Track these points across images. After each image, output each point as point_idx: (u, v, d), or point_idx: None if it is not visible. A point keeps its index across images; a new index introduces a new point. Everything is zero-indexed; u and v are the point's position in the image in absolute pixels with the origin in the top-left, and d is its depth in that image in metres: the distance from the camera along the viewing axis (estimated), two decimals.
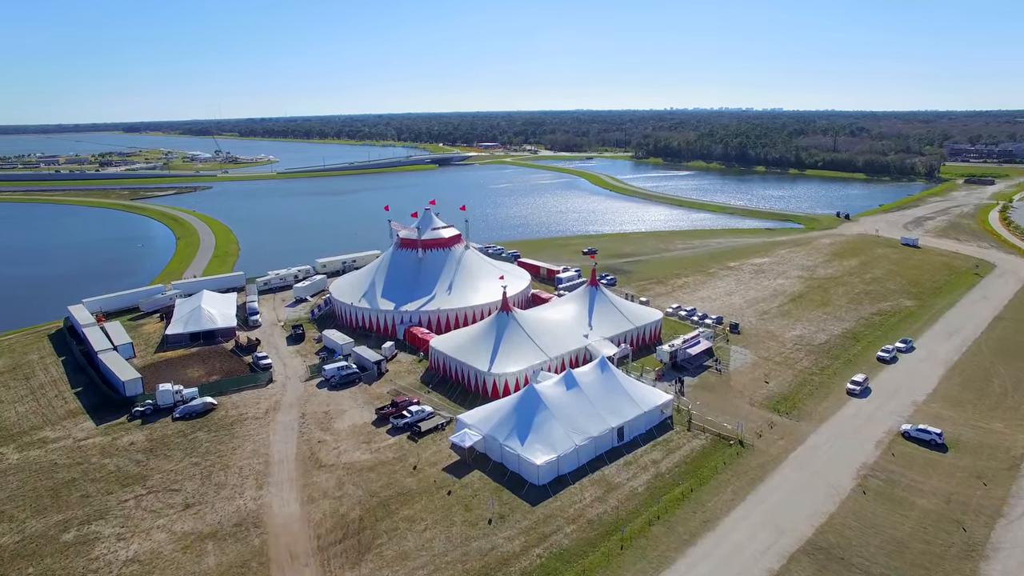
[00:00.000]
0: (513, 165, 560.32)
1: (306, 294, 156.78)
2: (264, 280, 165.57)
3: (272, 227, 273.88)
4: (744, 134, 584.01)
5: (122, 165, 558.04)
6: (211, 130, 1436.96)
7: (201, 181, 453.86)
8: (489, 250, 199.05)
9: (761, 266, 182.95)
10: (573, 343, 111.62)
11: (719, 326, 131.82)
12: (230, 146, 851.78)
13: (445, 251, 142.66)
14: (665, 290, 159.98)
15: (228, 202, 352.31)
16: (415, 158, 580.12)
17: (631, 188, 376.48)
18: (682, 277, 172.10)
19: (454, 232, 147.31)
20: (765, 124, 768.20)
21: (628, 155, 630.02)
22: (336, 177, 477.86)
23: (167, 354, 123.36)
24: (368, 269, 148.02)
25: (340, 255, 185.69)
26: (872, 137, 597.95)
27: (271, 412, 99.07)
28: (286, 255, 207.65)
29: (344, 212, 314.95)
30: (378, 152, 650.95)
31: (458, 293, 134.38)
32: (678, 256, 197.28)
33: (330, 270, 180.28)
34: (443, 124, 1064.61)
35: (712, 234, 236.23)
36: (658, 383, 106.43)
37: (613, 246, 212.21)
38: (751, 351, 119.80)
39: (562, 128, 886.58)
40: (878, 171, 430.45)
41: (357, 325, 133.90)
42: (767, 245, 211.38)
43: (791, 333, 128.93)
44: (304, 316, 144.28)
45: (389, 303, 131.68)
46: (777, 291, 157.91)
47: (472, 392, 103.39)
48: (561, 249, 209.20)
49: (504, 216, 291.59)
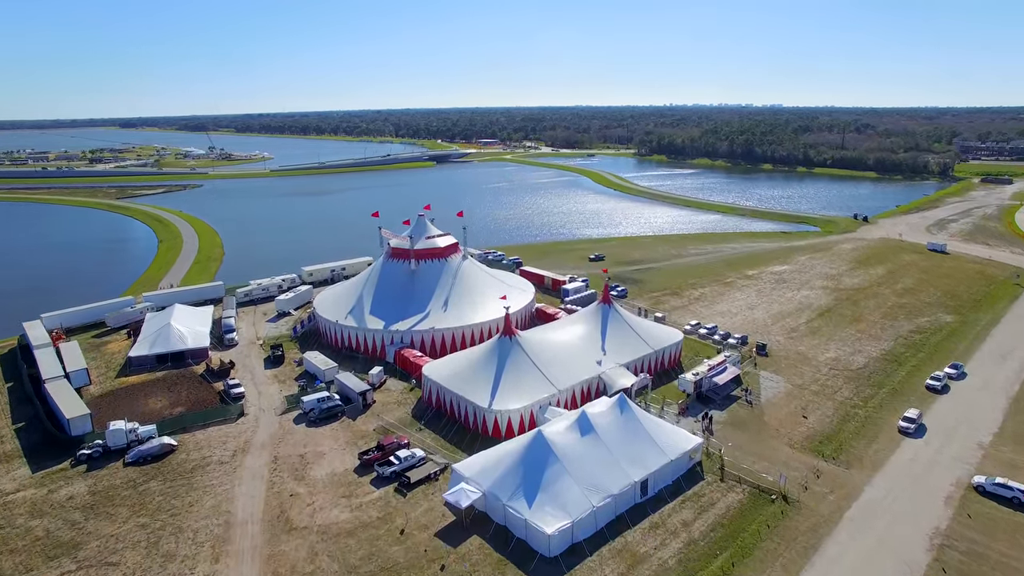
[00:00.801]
0: (513, 162, 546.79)
1: (289, 307, 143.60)
2: (245, 291, 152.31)
3: (261, 229, 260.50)
4: (749, 131, 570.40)
5: (113, 162, 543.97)
6: (207, 126, 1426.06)
7: (192, 179, 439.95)
8: (489, 256, 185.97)
9: (782, 275, 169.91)
10: (585, 372, 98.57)
11: (745, 347, 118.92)
12: (225, 142, 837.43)
13: (441, 262, 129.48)
14: (681, 303, 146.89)
15: (217, 202, 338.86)
16: (412, 155, 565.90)
17: (636, 187, 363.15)
18: (698, 287, 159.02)
19: (450, 240, 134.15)
20: (768, 121, 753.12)
21: (631, 152, 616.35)
22: (331, 175, 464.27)
23: (129, 379, 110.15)
24: (356, 281, 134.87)
25: (329, 262, 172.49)
26: (879, 134, 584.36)
27: (239, 455, 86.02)
28: (273, 261, 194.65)
29: (337, 212, 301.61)
30: (374, 149, 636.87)
31: (455, 310, 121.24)
32: (691, 263, 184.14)
33: (317, 279, 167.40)
34: (441, 120, 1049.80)
35: (725, 238, 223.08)
36: (682, 418, 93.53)
37: (621, 251, 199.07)
38: (783, 378, 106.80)
39: (562, 124, 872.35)
40: (889, 169, 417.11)
41: (343, 345, 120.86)
42: (785, 251, 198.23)
43: (825, 355, 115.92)
44: (286, 333, 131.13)
45: (378, 321, 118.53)
46: (803, 304, 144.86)
47: (471, 430, 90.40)
48: (566, 255, 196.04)
49: (504, 217, 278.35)
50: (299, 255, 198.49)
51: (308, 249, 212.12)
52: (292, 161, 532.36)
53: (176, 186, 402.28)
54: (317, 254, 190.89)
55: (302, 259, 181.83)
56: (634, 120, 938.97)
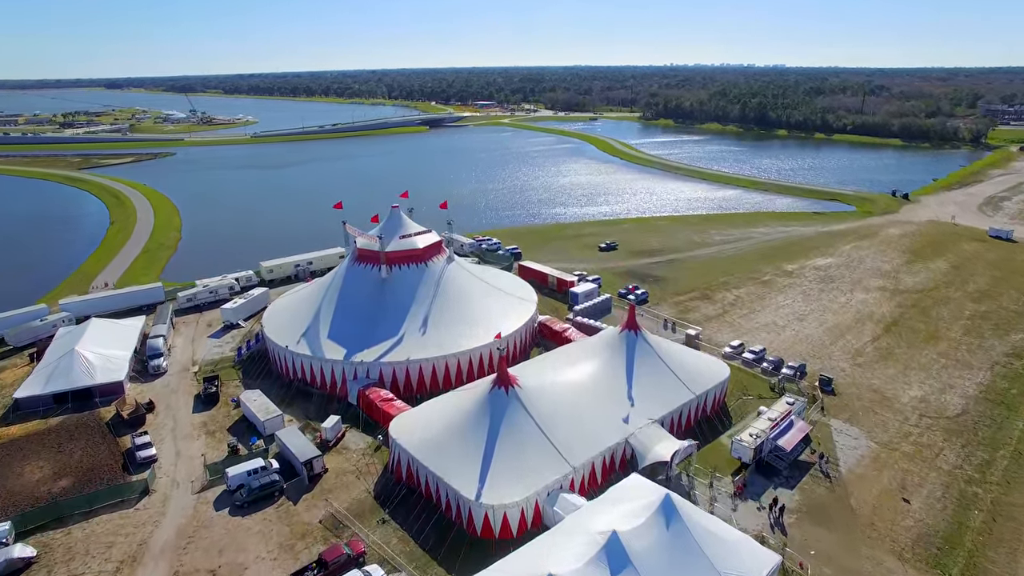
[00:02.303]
0: (511, 127, 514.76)
1: (238, 318, 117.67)
2: (188, 294, 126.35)
3: (228, 207, 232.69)
4: (762, 93, 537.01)
5: (86, 127, 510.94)
6: (195, 87, 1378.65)
7: (165, 146, 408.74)
8: (483, 244, 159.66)
9: (827, 270, 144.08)
10: (607, 434, 73.35)
11: (803, 380, 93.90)
12: (210, 105, 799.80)
13: (419, 267, 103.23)
14: (714, 310, 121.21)
15: (187, 174, 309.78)
16: (403, 120, 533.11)
17: (645, 156, 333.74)
18: (731, 287, 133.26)
19: (432, 239, 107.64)
20: (778, 82, 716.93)
21: (635, 116, 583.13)
22: (314, 142, 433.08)
23: (11, 429, 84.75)
24: (315, 289, 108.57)
25: (293, 255, 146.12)
26: (896, 97, 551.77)
27: (123, 570, 61.26)
28: (238, 249, 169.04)
29: (315, 187, 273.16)
30: (363, 112, 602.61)
31: (438, 331, 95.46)
32: (719, 253, 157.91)
33: (279, 276, 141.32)
34: (437, 81, 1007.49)
35: (751, 220, 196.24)
36: (739, 502, 68.85)
37: (635, 237, 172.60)
38: (862, 431, 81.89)
39: (562, 86, 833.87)
40: (915, 136, 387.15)
41: (295, 376, 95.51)
42: (824, 238, 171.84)
43: (908, 394, 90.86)
44: (229, 356, 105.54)
45: (338, 349, 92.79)
46: (861, 313, 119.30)
47: (455, 526, 65.51)
48: (571, 242, 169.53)
49: (500, 192, 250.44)
50: (268, 241, 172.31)
51: (279, 233, 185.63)
52: (277, 125, 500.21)
53: (146, 155, 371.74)
54: (289, 241, 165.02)
55: (271, 246, 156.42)
56: (636, 81, 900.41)
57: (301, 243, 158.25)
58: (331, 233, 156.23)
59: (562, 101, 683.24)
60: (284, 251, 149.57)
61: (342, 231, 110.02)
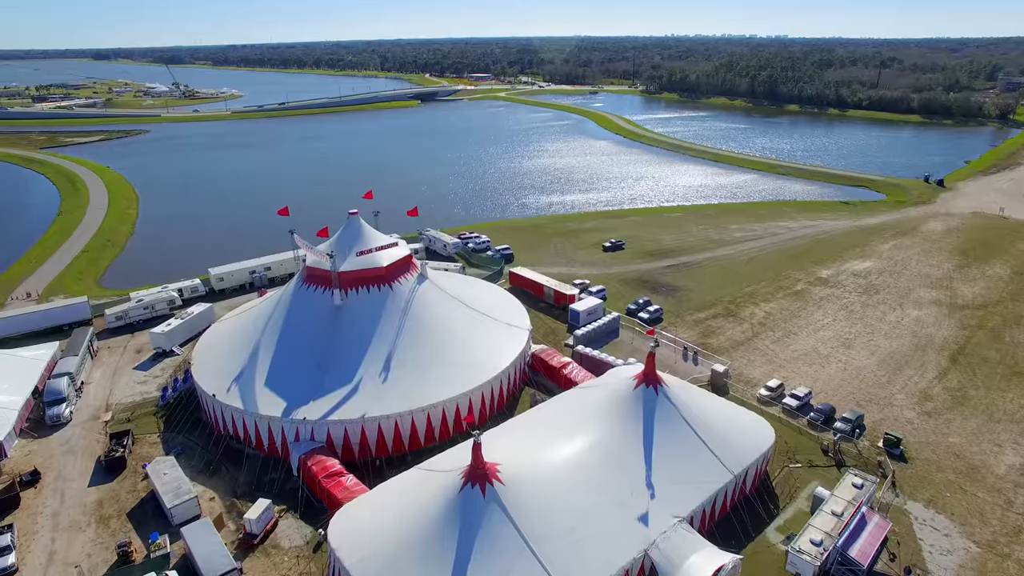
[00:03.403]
0: (507, 101, 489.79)
1: (171, 344, 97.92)
2: (117, 312, 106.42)
3: (194, 194, 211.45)
4: (769, 66, 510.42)
5: (60, 100, 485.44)
6: (184, 58, 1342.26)
7: (139, 123, 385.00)
8: (469, 243, 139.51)
9: (867, 276, 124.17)
10: (621, 544, 53.91)
11: (861, 437, 74.57)
12: (196, 77, 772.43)
13: (383, 291, 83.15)
14: (741, 333, 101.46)
15: (156, 155, 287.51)
16: (394, 94, 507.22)
17: (650, 135, 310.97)
18: (759, 300, 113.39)
19: (399, 253, 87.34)
20: (785, 54, 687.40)
21: (638, 90, 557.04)
22: (298, 118, 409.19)
23: None
24: (256, 315, 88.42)
25: (249, 260, 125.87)
26: (909, 70, 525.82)
27: None
28: (197, 249, 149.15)
29: (294, 169, 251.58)
30: (353, 85, 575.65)
31: (403, 376, 75.72)
32: (740, 254, 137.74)
33: (231, 285, 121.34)
34: (432, 52, 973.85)
35: (774, 211, 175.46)
36: None
37: (644, 233, 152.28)
38: (953, 522, 62.63)
39: (561, 57, 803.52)
40: (936, 112, 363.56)
41: (225, 430, 76.10)
42: (857, 235, 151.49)
43: (1002, 460, 71.42)
44: (153, 397, 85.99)
45: (276, 401, 73.10)
46: (919, 336, 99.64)
47: None
48: (571, 239, 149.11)
49: (492, 176, 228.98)
50: (234, 239, 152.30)
51: (246, 227, 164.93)
52: (263, 99, 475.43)
53: (118, 132, 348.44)
54: (255, 237, 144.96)
55: (236, 246, 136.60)
56: (637, 52, 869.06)
57: (266, 240, 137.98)
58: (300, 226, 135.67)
59: (561, 74, 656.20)
60: (251, 250, 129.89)
61: (302, 222, 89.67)
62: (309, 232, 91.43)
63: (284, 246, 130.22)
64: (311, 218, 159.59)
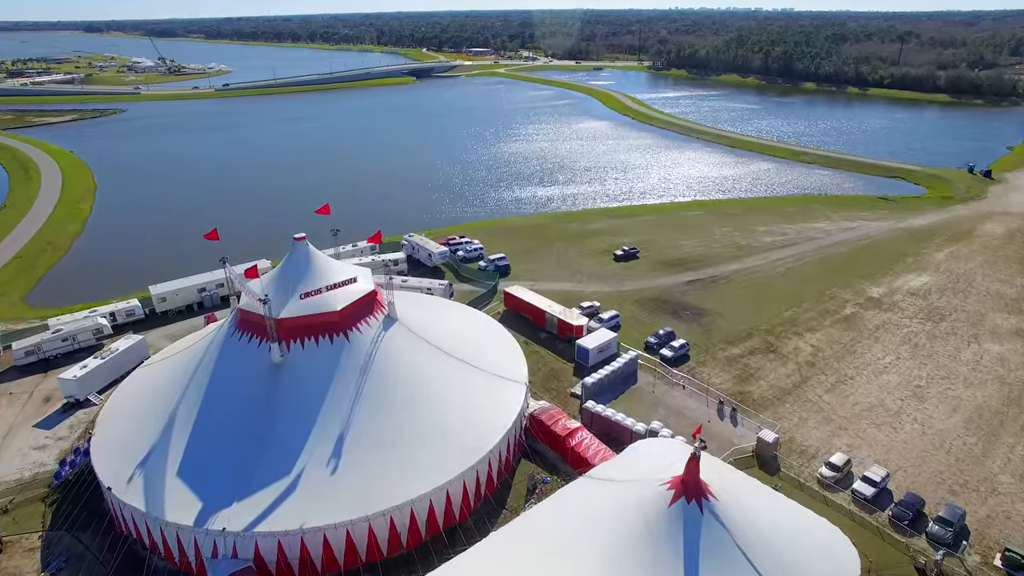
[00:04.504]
0: (506, 78, 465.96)
1: (86, 391, 79.32)
2: (27, 345, 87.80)
3: (160, 185, 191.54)
4: (784, 41, 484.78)
5: (37, 76, 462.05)
6: (176, 31, 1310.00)
7: (117, 101, 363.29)
8: (459, 250, 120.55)
9: (927, 296, 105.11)
10: None
11: (968, 547, 56.22)
12: (186, 52, 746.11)
13: (336, 342, 64.24)
14: (786, 376, 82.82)
15: (127, 137, 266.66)
16: (387, 70, 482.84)
17: (660, 116, 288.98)
18: (802, 328, 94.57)
19: (360, 289, 68.24)
20: (793, 28, 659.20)
21: (644, 66, 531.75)
22: (285, 95, 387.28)
23: None
24: (173, 372, 69.42)
25: (199, 274, 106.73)
26: (928, 44, 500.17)
27: None
28: (148, 253, 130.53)
29: (273, 156, 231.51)
30: (345, 61, 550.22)
31: (359, 466, 57.26)
32: (773, 265, 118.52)
33: (174, 306, 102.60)
34: (430, 25, 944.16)
35: (802, 207, 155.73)
36: None
37: (660, 237, 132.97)
38: None
39: (563, 31, 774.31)
40: (965, 91, 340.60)
41: (127, 530, 57.92)
42: (905, 240, 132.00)
43: None
44: (48, 472, 67.59)
45: (188, 502, 54.67)
46: (1008, 383, 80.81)
47: None
48: (576, 244, 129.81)
49: (483, 166, 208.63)
50: (195, 241, 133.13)
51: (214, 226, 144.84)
52: (252, 75, 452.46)
53: (91, 111, 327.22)
54: (222, 240, 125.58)
55: (196, 249, 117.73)
56: (641, 26, 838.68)
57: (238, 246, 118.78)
58: (271, 236, 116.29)
59: (564, 48, 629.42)
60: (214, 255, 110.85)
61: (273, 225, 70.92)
62: (281, 238, 72.33)
63: (251, 255, 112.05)
64: (283, 218, 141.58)
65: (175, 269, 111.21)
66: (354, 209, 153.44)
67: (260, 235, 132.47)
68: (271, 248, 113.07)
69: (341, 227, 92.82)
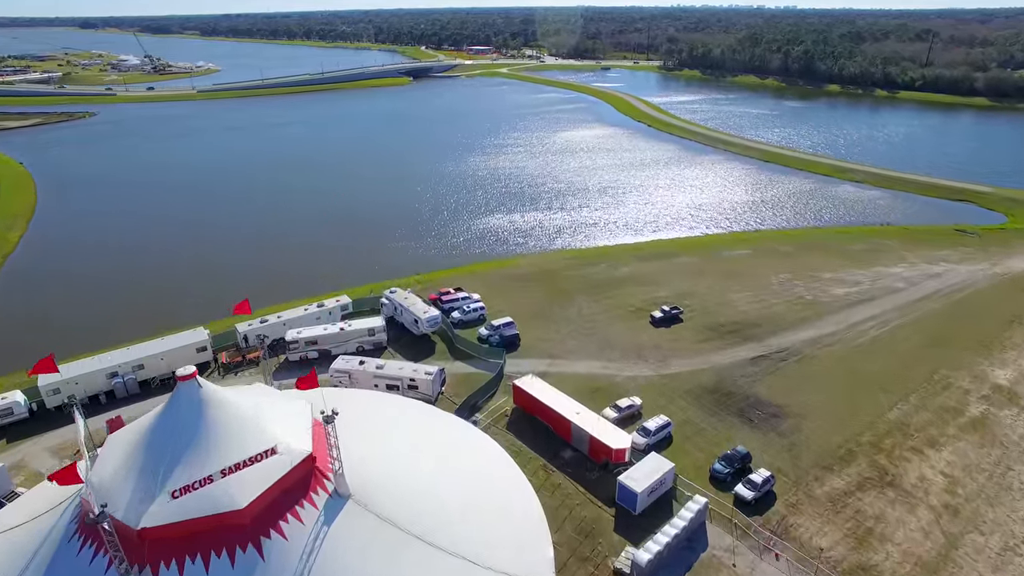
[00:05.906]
0: (509, 78, 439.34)
1: None
2: None
3: (106, 213, 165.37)
4: (804, 40, 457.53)
5: (11, 75, 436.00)
6: (171, 28, 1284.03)
7: (90, 103, 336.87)
8: (454, 311, 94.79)
9: None
10: None
11: None
12: (179, 49, 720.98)
13: (244, 558, 38.32)
14: (922, 535, 57.29)
15: (92, 144, 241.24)
16: (382, 70, 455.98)
17: (680, 124, 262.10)
18: (921, 443, 68.92)
19: (285, 462, 42.27)
20: (807, 26, 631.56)
21: (653, 65, 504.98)
22: (272, 97, 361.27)
23: None
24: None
25: (114, 351, 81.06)
26: (949, 43, 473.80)
27: None
28: (76, 305, 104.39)
29: (245, 177, 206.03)
30: (340, 59, 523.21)
31: None
32: (854, 331, 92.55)
33: (79, 394, 76.47)
34: (430, 23, 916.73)
35: (868, 242, 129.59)
36: None
37: (703, 287, 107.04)
38: None
39: (567, 28, 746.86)
40: (1007, 95, 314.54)
41: None
42: (1010, 288, 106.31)
43: None
44: None
45: None
46: None
47: None
48: (599, 296, 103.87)
49: (480, 189, 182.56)
50: (135, 287, 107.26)
51: (167, 266, 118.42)
52: (242, 74, 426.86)
53: (59, 115, 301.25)
54: (176, 287, 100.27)
55: (138, 297, 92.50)
56: (647, 23, 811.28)
57: (188, 305, 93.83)
58: (223, 292, 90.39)
59: (568, 47, 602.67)
60: (168, 307, 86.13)
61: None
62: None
63: (194, 319, 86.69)
64: (239, 270, 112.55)
65: (94, 338, 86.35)
66: (327, 247, 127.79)
67: (212, 289, 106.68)
68: (208, 311, 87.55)
69: (309, 272, 67.57)
